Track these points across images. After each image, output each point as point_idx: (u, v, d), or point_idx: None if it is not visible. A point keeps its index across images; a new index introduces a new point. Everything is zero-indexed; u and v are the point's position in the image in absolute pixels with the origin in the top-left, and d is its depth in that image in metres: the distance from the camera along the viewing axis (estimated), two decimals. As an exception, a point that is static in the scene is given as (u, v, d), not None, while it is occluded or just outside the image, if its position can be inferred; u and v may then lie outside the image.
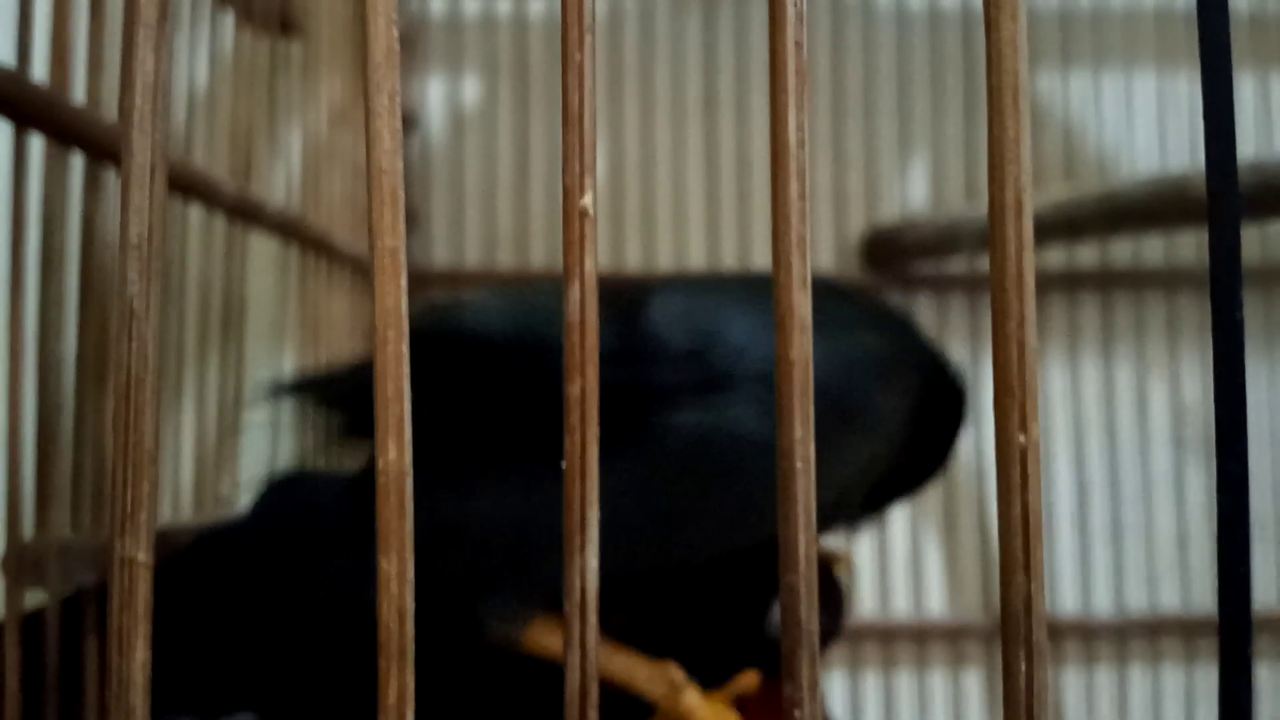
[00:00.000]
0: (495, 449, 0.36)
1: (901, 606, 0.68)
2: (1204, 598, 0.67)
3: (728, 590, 0.44)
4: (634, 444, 0.36)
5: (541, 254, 0.69)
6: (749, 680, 0.41)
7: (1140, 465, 0.68)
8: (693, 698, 0.39)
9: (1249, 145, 0.65)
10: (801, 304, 0.17)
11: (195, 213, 0.41)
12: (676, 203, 0.69)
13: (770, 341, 0.36)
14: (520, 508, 0.36)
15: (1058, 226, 0.59)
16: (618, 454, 0.35)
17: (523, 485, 0.36)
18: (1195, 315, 0.68)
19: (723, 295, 0.40)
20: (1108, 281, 0.69)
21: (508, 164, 0.69)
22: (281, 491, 0.39)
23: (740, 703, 0.41)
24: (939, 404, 0.44)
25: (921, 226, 0.64)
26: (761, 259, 0.67)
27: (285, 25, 0.49)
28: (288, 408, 0.47)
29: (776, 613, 0.43)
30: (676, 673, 0.40)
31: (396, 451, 0.17)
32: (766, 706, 0.41)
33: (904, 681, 0.68)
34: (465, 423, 0.36)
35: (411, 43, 0.68)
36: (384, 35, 0.17)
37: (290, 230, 0.49)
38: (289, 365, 0.53)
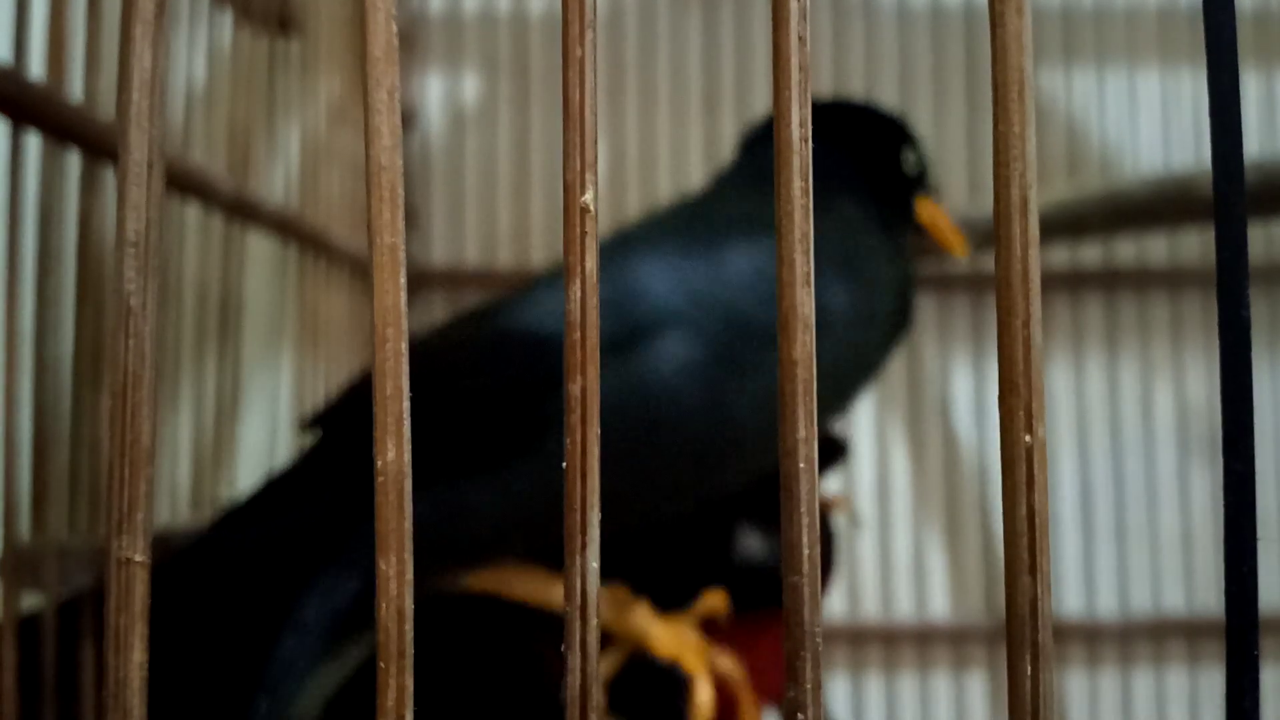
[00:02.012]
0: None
1: (904, 608, 0.67)
2: (1209, 599, 0.67)
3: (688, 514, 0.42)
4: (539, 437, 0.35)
5: (542, 252, 0.68)
6: (715, 601, 0.40)
7: (1145, 465, 0.68)
8: (643, 616, 0.38)
9: (1253, 143, 0.65)
10: (805, 302, 0.17)
11: (193, 211, 0.41)
12: (678, 200, 0.69)
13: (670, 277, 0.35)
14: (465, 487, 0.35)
15: (1061, 225, 0.59)
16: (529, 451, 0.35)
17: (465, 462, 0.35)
18: (1200, 314, 0.68)
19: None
20: (1111, 280, 0.69)
21: (508, 161, 0.69)
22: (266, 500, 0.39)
23: (714, 636, 0.40)
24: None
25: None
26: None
27: (284, 23, 0.49)
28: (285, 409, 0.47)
29: (746, 538, 0.42)
30: (621, 592, 0.38)
31: (395, 451, 0.17)
32: (745, 646, 0.40)
33: (907, 684, 0.67)
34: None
35: (410, 39, 0.68)
36: (383, 30, 0.17)
37: (288, 228, 0.49)
38: (287, 364, 0.53)
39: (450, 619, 0.40)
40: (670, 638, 0.37)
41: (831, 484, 0.66)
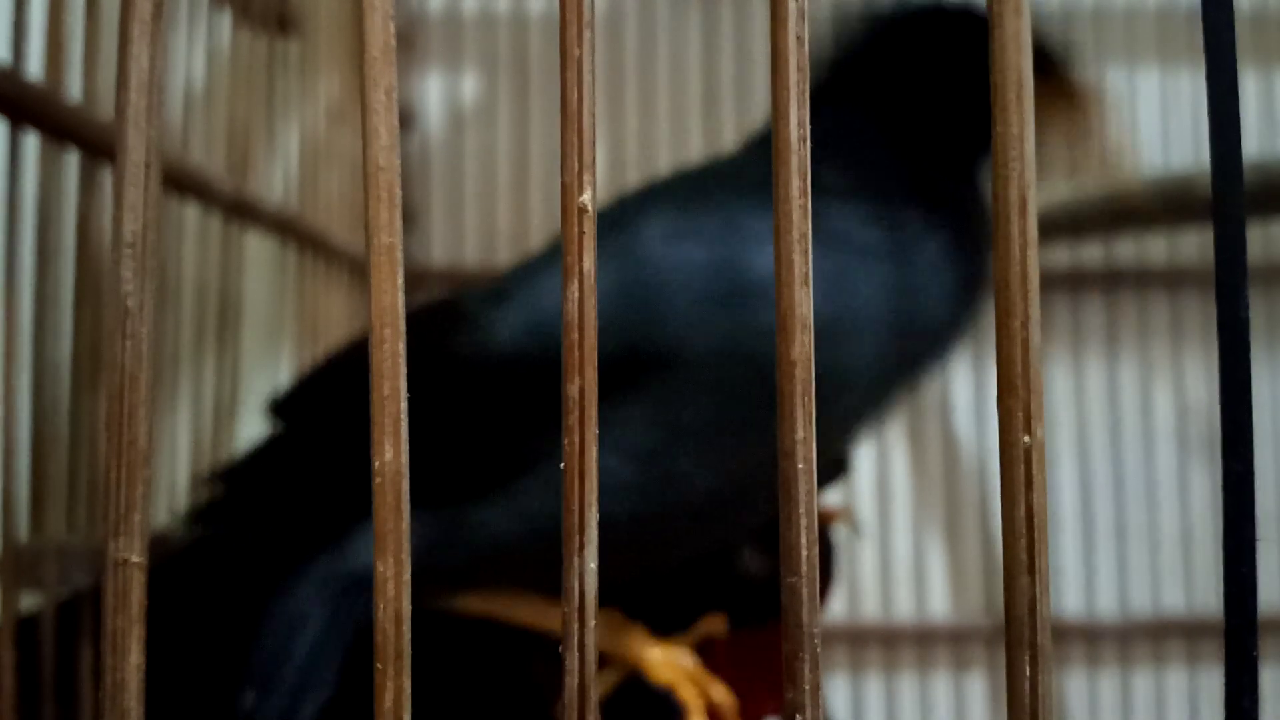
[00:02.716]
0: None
1: (904, 609, 0.67)
2: (1209, 599, 0.67)
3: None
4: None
5: (541, 253, 0.68)
6: (714, 625, 0.39)
7: (1144, 465, 0.68)
8: (640, 640, 0.37)
9: (1252, 143, 0.65)
10: (803, 302, 0.17)
11: (191, 211, 0.41)
12: (677, 201, 0.68)
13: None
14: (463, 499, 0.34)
15: (1061, 225, 0.59)
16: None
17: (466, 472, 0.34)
18: (1199, 314, 0.68)
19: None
20: (1111, 281, 0.69)
21: (506, 161, 0.69)
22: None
23: (709, 652, 0.39)
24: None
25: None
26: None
27: (283, 23, 0.49)
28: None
29: (746, 554, 0.41)
30: (614, 615, 0.37)
31: (393, 452, 0.17)
32: (737, 659, 0.39)
33: (907, 684, 0.67)
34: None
35: (409, 39, 0.68)
36: (381, 30, 0.17)
37: (287, 228, 0.49)
38: (286, 365, 0.53)
39: (447, 640, 0.39)
40: (666, 665, 0.37)
41: (831, 491, 0.66)
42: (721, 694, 0.37)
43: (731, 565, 0.41)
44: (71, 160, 0.33)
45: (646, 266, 0.33)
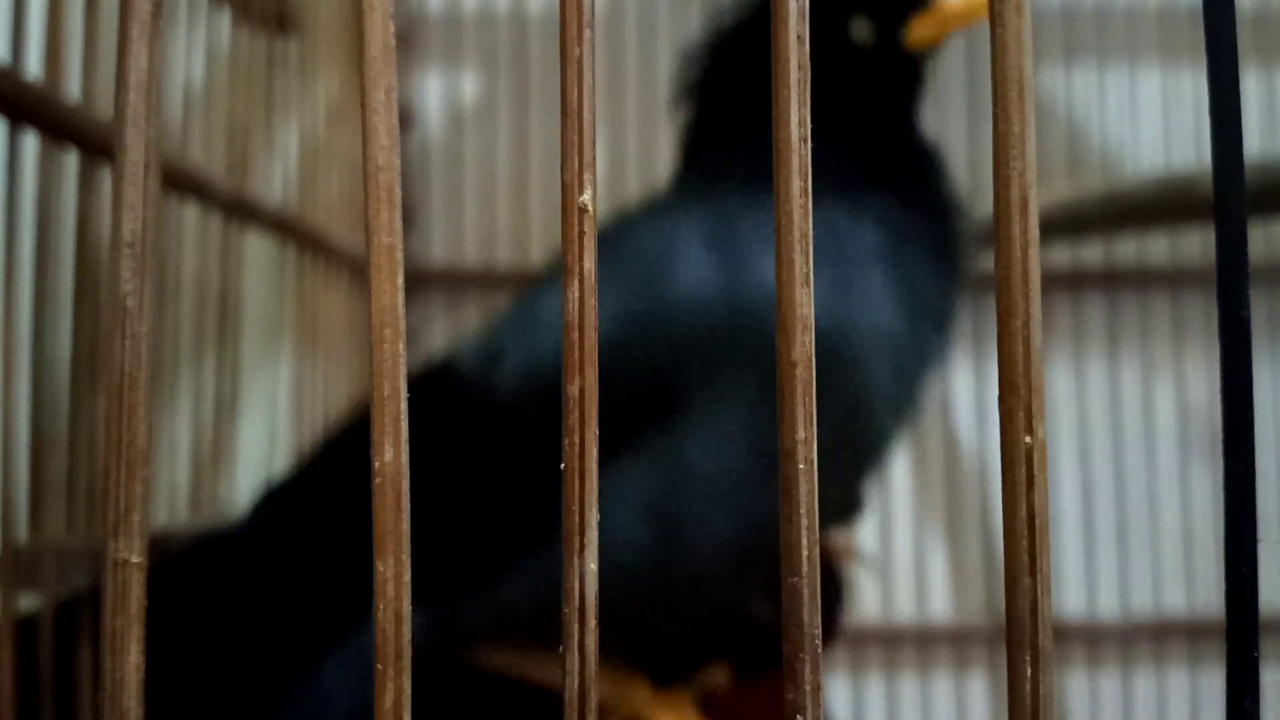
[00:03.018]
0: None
1: (905, 609, 0.67)
2: (1210, 599, 0.67)
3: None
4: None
5: (540, 252, 0.68)
6: (717, 676, 0.39)
7: (1146, 466, 0.68)
8: (641, 693, 0.36)
9: (1254, 143, 0.65)
10: (804, 302, 0.16)
11: (191, 211, 0.41)
12: (677, 201, 0.68)
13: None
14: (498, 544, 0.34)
15: (1062, 225, 0.59)
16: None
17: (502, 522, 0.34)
18: (1201, 315, 0.68)
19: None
20: (1112, 280, 0.69)
21: (506, 160, 0.69)
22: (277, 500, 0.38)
23: (712, 702, 0.39)
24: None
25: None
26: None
27: (282, 22, 0.49)
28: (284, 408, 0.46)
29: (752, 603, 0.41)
30: (614, 665, 0.36)
31: (393, 452, 0.17)
32: (741, 709, 0.39)
33: (907, 685, 0.67)
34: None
35: (409, 38, 0.68)
36: (380, 30, 0.17)
37: (287, 228, 0.49)
38: (286, 365, 0.52)
39: (449, 689, 0.39)
40: (668, 717, 0.36)
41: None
42: None
43: (736, 613, 0.40)
44: (70, 160, 0.33)
45: (637, 303, 0.33)
